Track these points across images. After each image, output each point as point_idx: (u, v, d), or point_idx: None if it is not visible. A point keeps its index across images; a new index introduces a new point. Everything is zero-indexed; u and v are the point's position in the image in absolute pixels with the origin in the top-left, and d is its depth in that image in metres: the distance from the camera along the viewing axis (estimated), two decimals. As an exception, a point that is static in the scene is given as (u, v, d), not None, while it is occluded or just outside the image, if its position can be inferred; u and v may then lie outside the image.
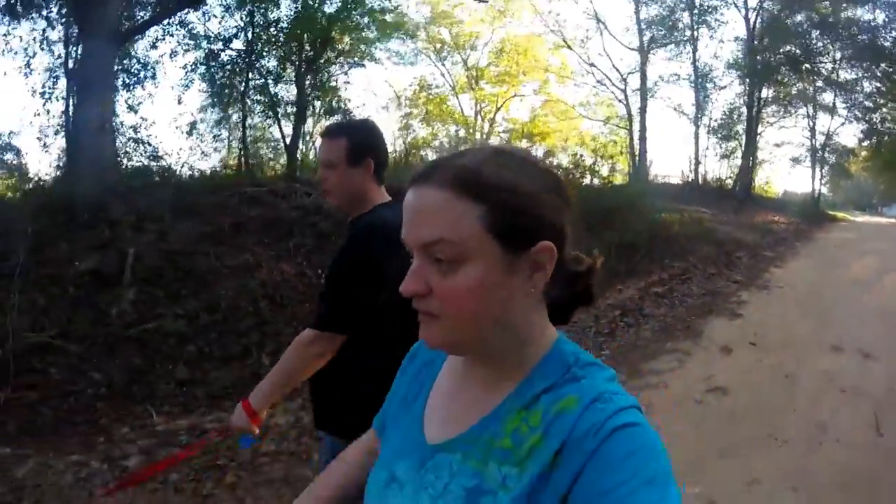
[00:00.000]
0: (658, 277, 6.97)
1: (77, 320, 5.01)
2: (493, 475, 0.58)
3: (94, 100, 7.31)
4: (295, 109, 9.26)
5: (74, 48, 8.39)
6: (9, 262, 5.27)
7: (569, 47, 18.45)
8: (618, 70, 18.55)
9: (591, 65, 18.58)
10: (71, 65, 8.49)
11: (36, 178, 8.62)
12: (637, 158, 18.16)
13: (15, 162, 9.44)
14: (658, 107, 38.28)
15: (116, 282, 5.37)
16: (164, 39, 9.07)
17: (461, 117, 21.22)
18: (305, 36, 8.93)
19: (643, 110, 18.25)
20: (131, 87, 9.00)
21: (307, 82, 9.12)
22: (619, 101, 18.62)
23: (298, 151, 9.47)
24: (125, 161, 8.51)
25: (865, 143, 20.37)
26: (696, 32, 17.36)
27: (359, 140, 1.54)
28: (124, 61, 8.80)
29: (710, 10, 17.00)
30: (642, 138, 18.22)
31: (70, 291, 5.25)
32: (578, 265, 0.66)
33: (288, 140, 9.26)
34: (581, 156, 12.55)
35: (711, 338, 4.80)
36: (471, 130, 20.82)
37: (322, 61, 9.12)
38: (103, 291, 5.29)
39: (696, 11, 17.14)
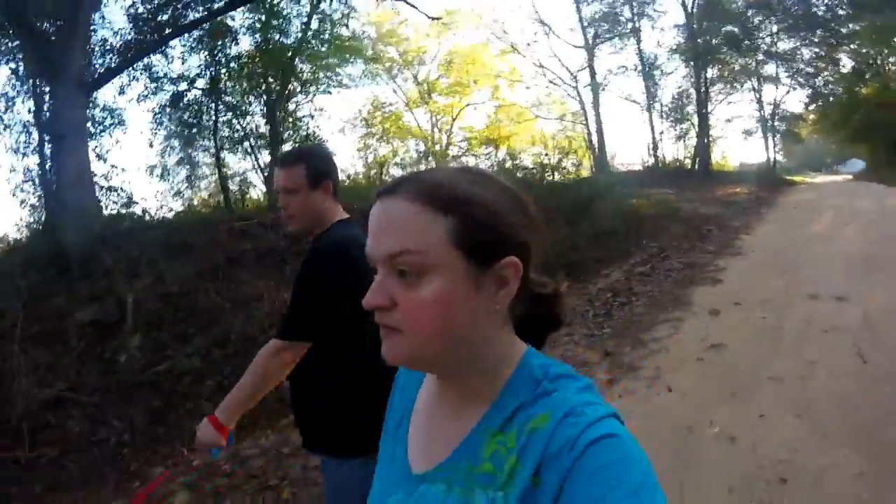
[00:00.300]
0: (639, 258, 7.34)
1: (85, 372, 5.06)
2: (480, 501, 0.58)
3: (69, 150, 7.47)
4: (269, 140, 9.46)
5: (43, 100, 8.47)
6: (3, 321, 5.39)
7: (518, 52, 19.00)
8: (567, 69, 19.17)
9: (541, 66, 19.17)
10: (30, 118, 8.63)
11: (13, 235, 8.67)
12: (597, 150, 18.80)
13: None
14: (610, 98, 39.62)
15: (119, 330, 5.45)
16: (129, 85, 9.27)
17: (419, 131, 21.51)
18: (268, 69, 9.16)
19: (596, 104, 18.94)
20: (98, 136, 9.10)
21: (277, 114, 9.33)
22: (573, 97, 19.23)
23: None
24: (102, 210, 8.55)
25: (812, 108, 21.52)
26: (637, 24, 18.16)
27: (315, 165, 1.62)
28: (92, 111, 8.89)
29: (648, 1, 17.85)
30: (599, 131, 18.89)
31: (73, 344, 5.34)
32: (543, 287, 0.68)
33: (266, 172, 9.43)
34: (545, 154, 13.07)
35: (699, 304, 5.15)
36: (430, 143, 21.14)
37: (287, 92, 9.35)
38: (107, 341, 5.37)
39: (634, 4, 17.97)
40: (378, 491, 0.71)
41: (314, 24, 9.53)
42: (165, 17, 8.68)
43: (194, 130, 9.62)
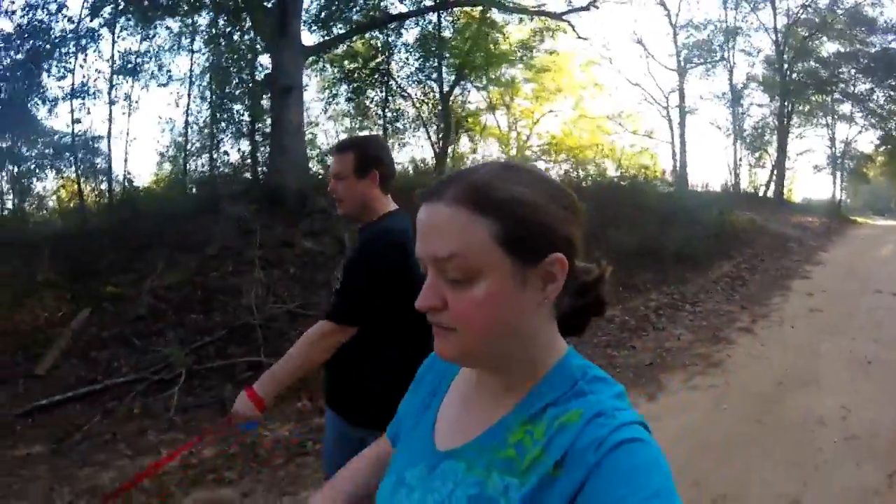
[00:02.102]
0: (741, 259, 10.04)
1: (306, 294, 6.33)
2: (496, 484, 0.63)
3: (292, 103, 9.03)
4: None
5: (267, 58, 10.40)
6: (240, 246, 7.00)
7: (614, 70, 21.45)
8: (661, 88, 21.73)
9: (637, 84, 21.77)
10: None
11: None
12: (678, 168, 21.34)
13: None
14: (694, 120, 41.56)
15: (336, 262, 6.63)
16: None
17: (497, 132, 23.59)
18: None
19: (682, 125, 21.47)
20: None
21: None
22: (663, 117, 21.77)
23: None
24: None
25: (882, 149, 23.20)
26: (729, 54, 20.62)
27: (365, 154, 1.77)
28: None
29: (742, 34, 20.29)
30: (682, 151, 21.42)
31: (292, 271, 6.77)
32: (588, 275, 0.73)
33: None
34: (645, 167, 15.75)
35: (797, 290, 7.88)
36: (507, 146, 23.19)
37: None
38: (324, 270, 6.67)
39: (727, 35, 20.42)
40: (399, 462, 0.78)
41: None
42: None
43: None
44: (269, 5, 9.56)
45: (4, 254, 7.82)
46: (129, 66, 10.87)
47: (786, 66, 19.61)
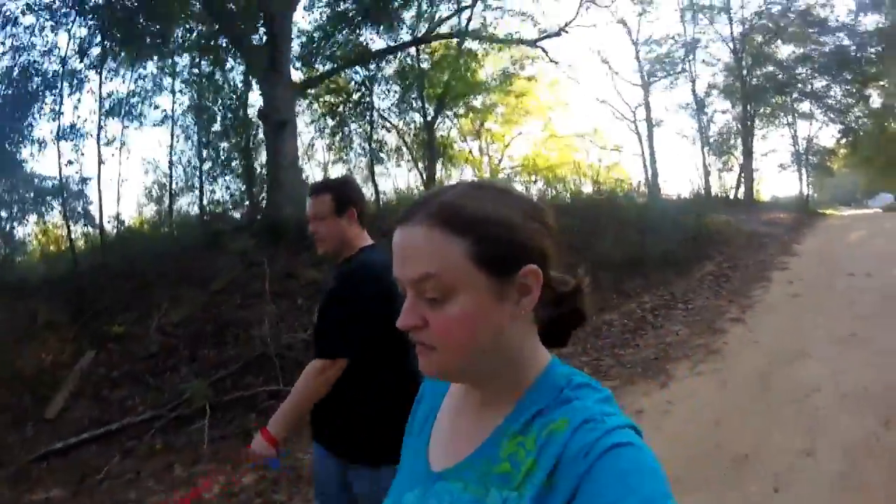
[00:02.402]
0: (722, 258, 10.57)
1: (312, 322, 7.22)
2: (494, 500, 0.63)
3: (287, 136, 9.35)
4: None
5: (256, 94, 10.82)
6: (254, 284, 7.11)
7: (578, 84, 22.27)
8: (627, 104, 22.64)
9: (604, 101, 22.66)
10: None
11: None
12: (649, 179, 22.12)
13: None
14: (661, 132, 43.01)
15: None
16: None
17: (470, 158, 24.10)
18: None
19: (650, 137, 22.34)
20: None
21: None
22: (632, 131, 22.64)
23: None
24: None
25: (843, 142, 24.27)
26: (690, 66, 21.65)
27: (341, 194, 1.88)
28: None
29: (699, 46, 21.36)
30: (652, 162, 22.25)
31: (299, 301, 6.97)
32: (564, 286, 0.73)
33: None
34: (619, 181, 16.41)
35: (777, 280, 8.38)
36: (479, 171, 23.72)
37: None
38: None
39: (687, 48, 21.47)
40: (395, 487, 0.79)
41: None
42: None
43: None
44: (259, 44, 9.95)
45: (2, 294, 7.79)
46: (117, 107, 11.15)
47: (745, 72, 20.65)
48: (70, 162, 10.90)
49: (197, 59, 11.61)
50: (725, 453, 3.25)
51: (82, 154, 10.96)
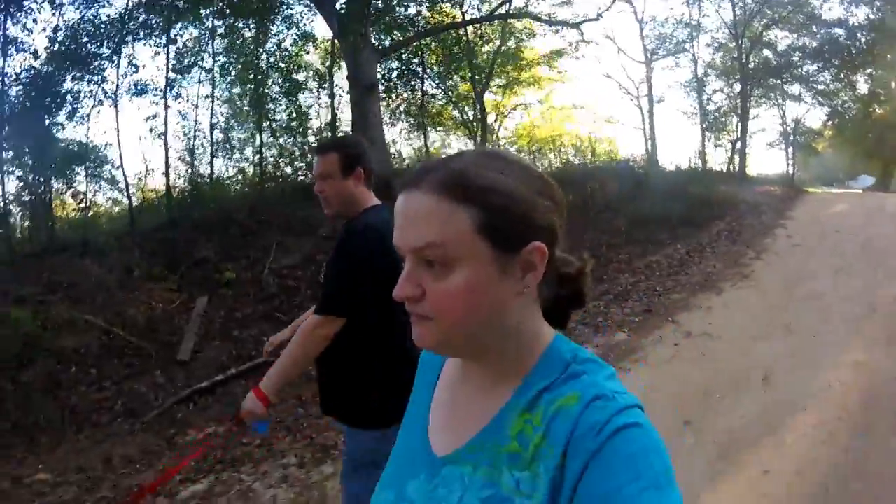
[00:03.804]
0: (728, 220, 12.84)
1: None
2: (507, 482, 0.63)
3: (374, 99, 10.69)
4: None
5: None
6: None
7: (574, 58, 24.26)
8: (631, 80, 24.74)
9: (608, 76, 24.67)
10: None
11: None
12: (649, 151, 24.37)
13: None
14: (662, 107, 45.19)
15: None
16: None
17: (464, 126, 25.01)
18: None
19: (651, 113, 24.51)
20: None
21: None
22: (636, 105, 24.77)
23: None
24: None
25: (829, 124, 26.57)
26: (692, 47, 23.76)
27: (348, 153, 1.91)
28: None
29: (702, 29, 23.46)
30: (652, 136, 24.48)
31: None
32: (568, 267, 0.75)
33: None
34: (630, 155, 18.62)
35: (779, 235, 10.67)
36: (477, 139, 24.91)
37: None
38: None
39: (690, 30, 23.54)
40: (394, 474, 0.78)
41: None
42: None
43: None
44: (346, 11, 11.06)
45: (90, 252, 8.24)
46: (187, 64, 11.69)
47: (744, 56, 22.88)
48: (152, 116, 11.56)
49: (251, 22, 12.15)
50: (772, 325, 5.54)
51: (168, 106, 11.54)
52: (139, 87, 11.28)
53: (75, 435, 4.96)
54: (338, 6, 11.09)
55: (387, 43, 12.88)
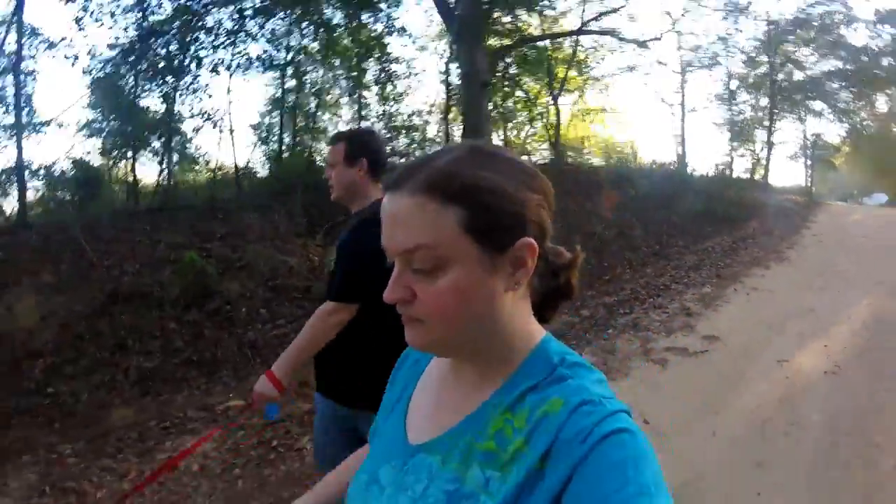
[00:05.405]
0: (762, 219, 15.28)
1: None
2: (476, 478, 0.63)
3: (484, 95, 11.44)
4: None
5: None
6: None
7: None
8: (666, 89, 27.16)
9: (645, 84, 27.06)
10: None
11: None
12: (681, 157, 26.80)
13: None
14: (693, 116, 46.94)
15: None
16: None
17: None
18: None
19: (683, 121, 26.91)
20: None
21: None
22: (672, 113, 27.21)
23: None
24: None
25: (848, 141, 28.63)
26: (725, 61, 26.14)
27: (354, 144, 2.03)
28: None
29: (736, 46, 25.84)
30: (683, 142, 26.89)
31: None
32: (559, 258, 0.75)
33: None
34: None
35: (805, 233, 13.12)
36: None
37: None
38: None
39: (723, 44, 25.89)
40: (371, 457, 0.80)
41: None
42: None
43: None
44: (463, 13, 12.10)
45: (233, 211, 8.67)
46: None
47: (774, 72, 25.34)
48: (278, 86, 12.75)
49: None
50: (811, 287, 7.96)
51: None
52: (265, 62, 12.31)
53: (261, 366, 5.22)
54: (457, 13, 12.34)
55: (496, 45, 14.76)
